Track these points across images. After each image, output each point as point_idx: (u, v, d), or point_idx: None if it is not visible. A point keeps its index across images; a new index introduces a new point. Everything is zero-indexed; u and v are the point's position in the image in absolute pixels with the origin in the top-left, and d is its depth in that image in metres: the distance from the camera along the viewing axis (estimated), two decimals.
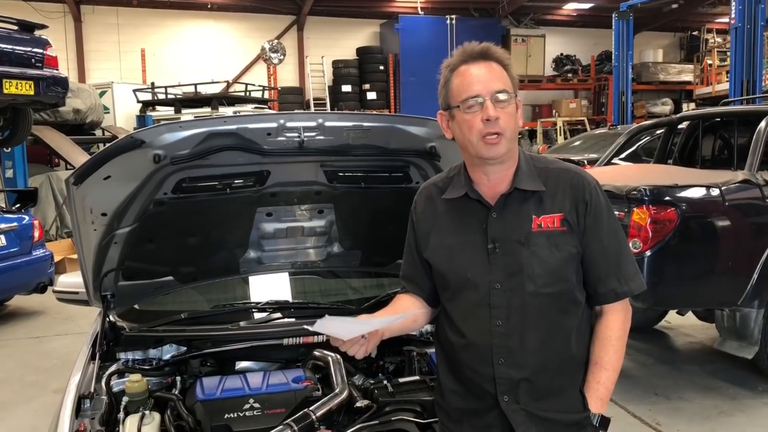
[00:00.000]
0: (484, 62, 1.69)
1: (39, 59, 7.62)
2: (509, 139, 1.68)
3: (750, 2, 8.80)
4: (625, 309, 1.78)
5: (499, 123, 1.65)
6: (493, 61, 1.70)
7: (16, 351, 5.86)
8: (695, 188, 4.19)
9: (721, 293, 4.24)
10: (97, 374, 2.25)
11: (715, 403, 4.35)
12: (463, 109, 1.68)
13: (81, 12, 16.09)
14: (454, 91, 1.70)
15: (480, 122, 1.65)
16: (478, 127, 1.66)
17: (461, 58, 1.71)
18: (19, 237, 6.54)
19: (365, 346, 1.73)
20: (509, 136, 1.68)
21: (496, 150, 1.67)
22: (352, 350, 1.73)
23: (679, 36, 21.73)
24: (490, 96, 1.65)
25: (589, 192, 1.72)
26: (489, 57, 1.70)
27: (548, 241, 1.69)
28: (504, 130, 1.66)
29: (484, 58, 1.69)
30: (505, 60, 1.71)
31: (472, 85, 1.67)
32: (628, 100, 12.88)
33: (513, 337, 1.70)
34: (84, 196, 2.25)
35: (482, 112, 1.65)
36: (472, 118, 1.67)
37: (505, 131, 1.66)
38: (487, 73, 1.67)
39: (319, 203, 2.67)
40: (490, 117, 1.64)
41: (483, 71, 1.68)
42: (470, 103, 1.67)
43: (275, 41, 17.47)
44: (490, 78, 1.67)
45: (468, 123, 1.68)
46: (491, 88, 1.66)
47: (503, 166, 1.73)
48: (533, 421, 1.72)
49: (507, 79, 1.69)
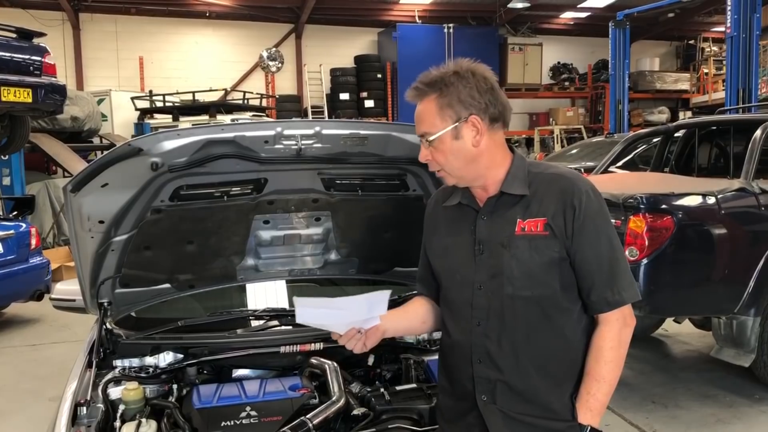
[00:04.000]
0: (419, 101, 1.73)
1: (37, 67, 7.64)
2: (450, 173, 1.73)
3: (745, 12, 8.84)
4: (620, 320, 1.72)
5: (433, 164, 1.73)
6: (425, 97, 1.70)
7: (13, 359, 5.84)
8: (692, 196, 4.20)
9: (717, 301, 4.25)
10: (93, 382, 2.25)
11: (712, 411, 4.35)
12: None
13: (79, 20, 16.11)
14: None
15: None
16: None
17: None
18: (16, 244, 6.52)
19: (362, 341, 1.77)
20: (448, 169, 1.72)
21: (447, 182, 1.77)
22: (349, 344, 1.77)
23: (676, 45, 21.81)
24: (421, 139, 1.73)
25: (579, 197, 1.68)
26: (422, 95, 1.71)
27: (529, 245, 1.69)
28: (442, 166, 1.73)
29: (418, 97, 1.73)
30: (440, 85, 1.68)
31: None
32: (624, 109, 12.92)
33: (491, 338, 1.72)
34: (81, 203, 2.25)
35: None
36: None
37: (444, 167, 1.72)
38: (417, 116, 1.74)
39: (317, 211, 2.68)
40: (422, 160, 1.74)
41: (417, 113, 1.73)
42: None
43: (273, 49, 17.52)
44: (417, 121, 1.73)
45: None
46: (419, 132, 1.73)
47: (476, 183, 1.76)
48: (509, 422, 1.72)
49: (433, 116, 1.68)
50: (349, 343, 1.76)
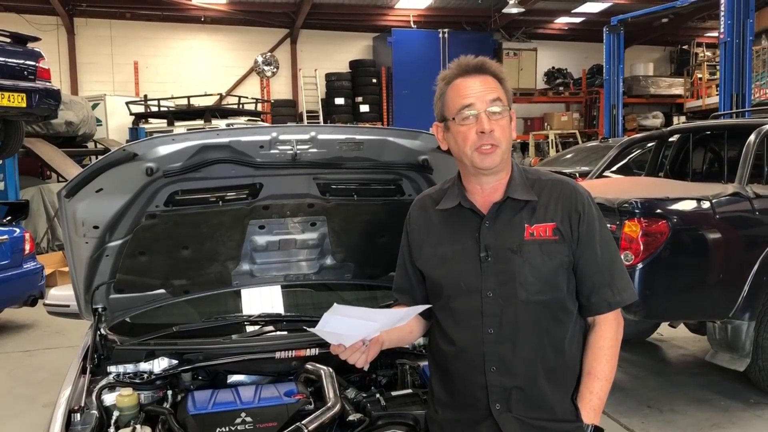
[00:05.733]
0: (479, 75, 1.71)
1: (32, 71, 7.62)
2: (504, 150, 1.71)
3: (738, 17, 8.91)
4: (617, 320, 1.79)
5: (493, 135, 1.68)
6: (489, 74, 1.73)
7: (6, 364, 5.80)
8: (686, 201, 4.22)
9: (712, 305, 4.26)
10: (87, 388, 2.23)
11: (707, 415, 4.35)
12: (459, 121, 1.71)
13: (74, 24, 16.10)
14: (450, 103, 1.73)
15: (474, 134, 1.68)
16: (473, 138, 1.69)
17: (457, 71, 1.74)
18: (10, 250, 6.49)
19: (366, 354, 1.74)
20: (504, 147, 1.71)
21: (491, 159, 1.70)
22: (353, 358, 1.74)
23: (670, 50, 21.93)
24: (485, 108, 1.68)
25: (582, 203, 1.74)
26: (484, 71, 1.72)
27: (540, 250, 1.71)
28: (499, 141, 1.69)
29: (479, 71, 1.72)
30: (500, 74, 1.74)
31: (467, 98, 1.69)
32: (619, 113, 12.98)
33: (505, 345, 1.72)
34: (76, 209, 2.24)
35: (477, 125, 1.68)
36: (467, 130, 1.69)
37: (500, 143, 1.69)
38: (482, 86, 1.70)
39: (312, 216, 2.67)
40: (485, 130, 1.67)
41: (478, 84, 1.70)
42: (465, 114, 1.69)
43: (268, 54, 17.55)
44: (485, 90, 1.70)
45: (463, 135, 1.70)
46: (486, 100, 1.69)
47: (497, 177, 1.76)
48: (525, 429, 1.72)
49: (501, 92, 1.72)
50: (353, 356, 1.72)
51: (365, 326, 1.71)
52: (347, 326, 1.69)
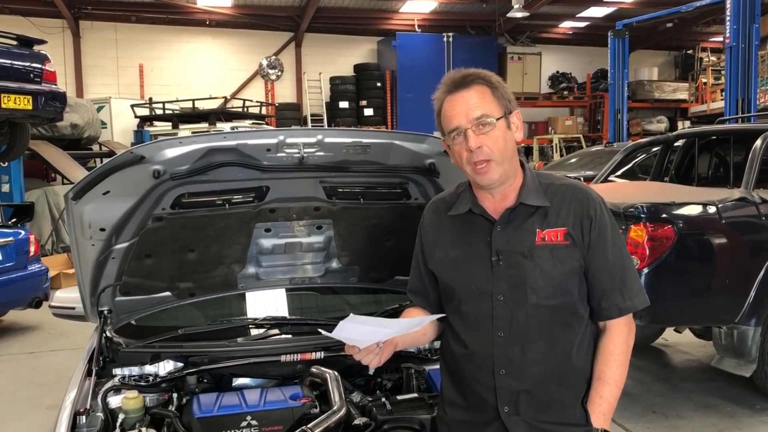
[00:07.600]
0: (465, 90, 1.71)
1: (37, 74, 7.66)
2: (499, 163, 1.70)
3: (744, 22, 8.89)
4: (628, 325, 1.79)
5: (483, 150, 1.68)
6: (476, 85, 1.71)
7: (10, 366, 5.81)
8: (692, 206, 4.20)
9: (718, 311, 4.24)
10: (93, 390, 2.23)
11: (713, 421, 4.33)
12: (449, 141, 1.74)
13: (80, 27, 16.16)
14: (442, 124, 1.76)
15: (465, 152, 1.70)
16: (466, 156, 1.70)
17: (444, 89, 1.75)
18: (14, 251, 6.51)
19: (379, 355, 1.75)
20: (498, 159, 1.70)
21: (489, 177, 1.71)
22: (366, 359, 1.74)
23: (674, 54, 21.91)
24: (471, 125, 1.68)
25: (594, 208, 1.74)
26: (469, 83, 1.71)
27: (552, 255, 1.71)
28: (490, 155, 1.69)
29: (464, 85, 1.71)
30: (489, 79, 1.73)
31: (452, 120, 1.71)
32: (623, 118, 12.95)
33: (514, 348, 1.72)
34: (83, 211, 2.25)
35: (466, 143, 1.69)
36: (460, 149, 1.72)
37: (492, 156, 1.69)
38: (466, 102, 1.70)
39: (318, 219, 2.67)
40: (471, 148, 1.68)
41: (462, 102, 1.70)
42: (453, 135, 1.72)
43: (273, 57, 17.58)
44: (469, 108, 1.69)
45: (457, 153, 1.74)
46: (471, 117, 1.68)
47: (502, 187, 1.76)
48: None
49: (490, 102, 1.70)
50: (366, 357, 1.73)
51: (380, 332, 1.72)
52: (363, 332, 1.70)
